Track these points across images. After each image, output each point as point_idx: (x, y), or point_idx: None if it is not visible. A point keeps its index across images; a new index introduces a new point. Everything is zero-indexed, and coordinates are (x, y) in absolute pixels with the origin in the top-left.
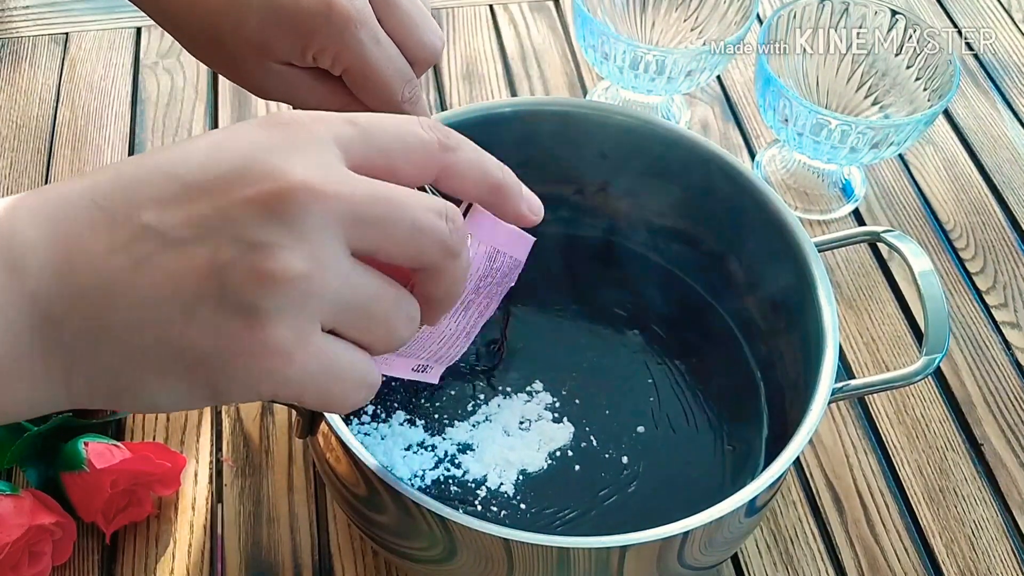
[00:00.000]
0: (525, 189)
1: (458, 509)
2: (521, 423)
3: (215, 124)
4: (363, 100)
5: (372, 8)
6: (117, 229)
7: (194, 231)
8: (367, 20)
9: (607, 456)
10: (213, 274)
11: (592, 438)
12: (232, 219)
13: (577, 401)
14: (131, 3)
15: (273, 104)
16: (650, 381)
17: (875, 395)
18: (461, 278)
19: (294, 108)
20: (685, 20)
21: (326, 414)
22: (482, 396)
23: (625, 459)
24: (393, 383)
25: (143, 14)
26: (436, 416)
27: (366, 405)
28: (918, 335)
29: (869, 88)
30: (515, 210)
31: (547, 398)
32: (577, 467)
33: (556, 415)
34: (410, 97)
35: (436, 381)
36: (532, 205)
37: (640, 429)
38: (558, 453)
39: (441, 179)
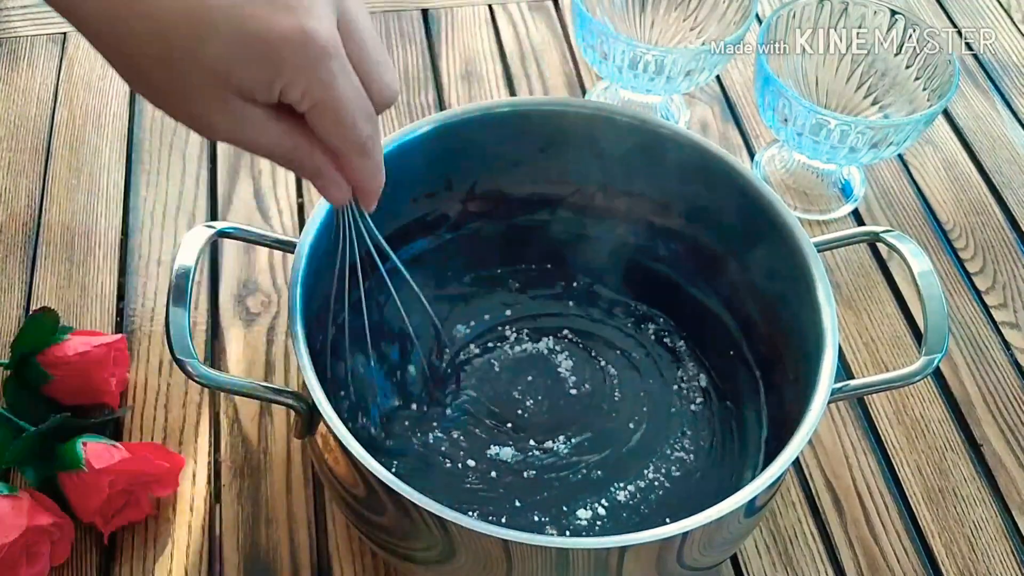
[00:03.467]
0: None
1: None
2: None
3: None
4: (324, 136)
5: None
6: None
7: None
8: (340, 53)
9: (603, 455)
10: None
11: (588, 437)
12: None
13: (575, 401)
14: (52, 9)
15: None
16: (650, 381)
17: (874, 395)
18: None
19: (242, 149)
20: (684, 20)
21: (326, 416)
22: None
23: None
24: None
25: None
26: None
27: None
28: (917, 335)
29: (868, 88)
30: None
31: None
32: (576, 466)
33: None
34: (372, 135)
35: None
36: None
37: (637, 428)
38: (557, 452)
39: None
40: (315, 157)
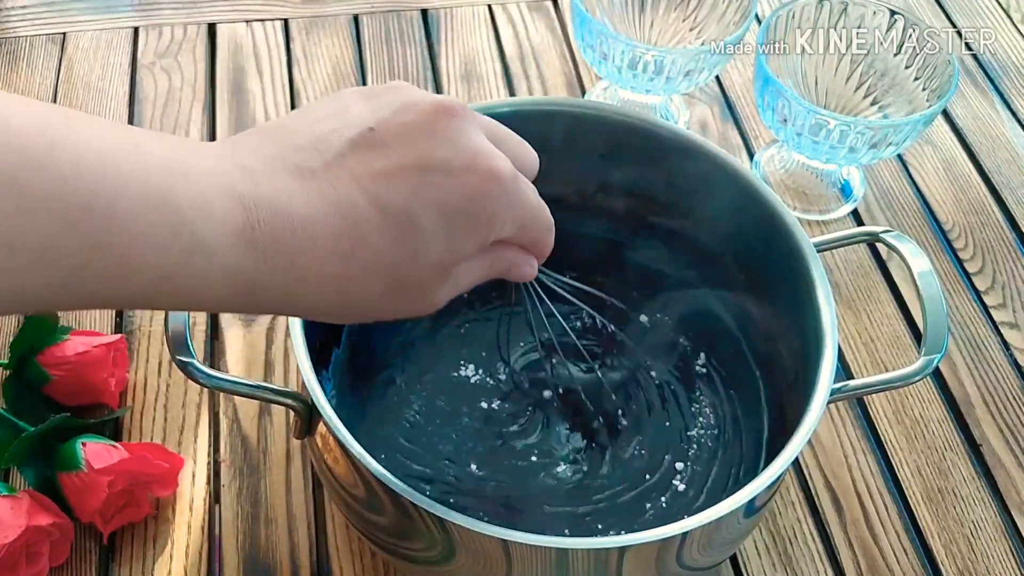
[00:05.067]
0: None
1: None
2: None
3: (212, 124)
4: (526, 242)
5: None
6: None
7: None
8: (515, 170)
9: (603, 455)
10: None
11: (589, 437)
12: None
13: (574, 400)
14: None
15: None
16: (648, 381)
17: (874, 395)
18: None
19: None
20: (684, 20)
21: (325, 416)
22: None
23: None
24: None
25: (141, 13)
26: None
27: None
28: (917, 335)
29: (868, 88)
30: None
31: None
32: (575, 466)
33: (552, 414)
34: (548, 215)
35: None
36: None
37: (637, 428)
38: (555, 451)
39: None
40: (507, 255)
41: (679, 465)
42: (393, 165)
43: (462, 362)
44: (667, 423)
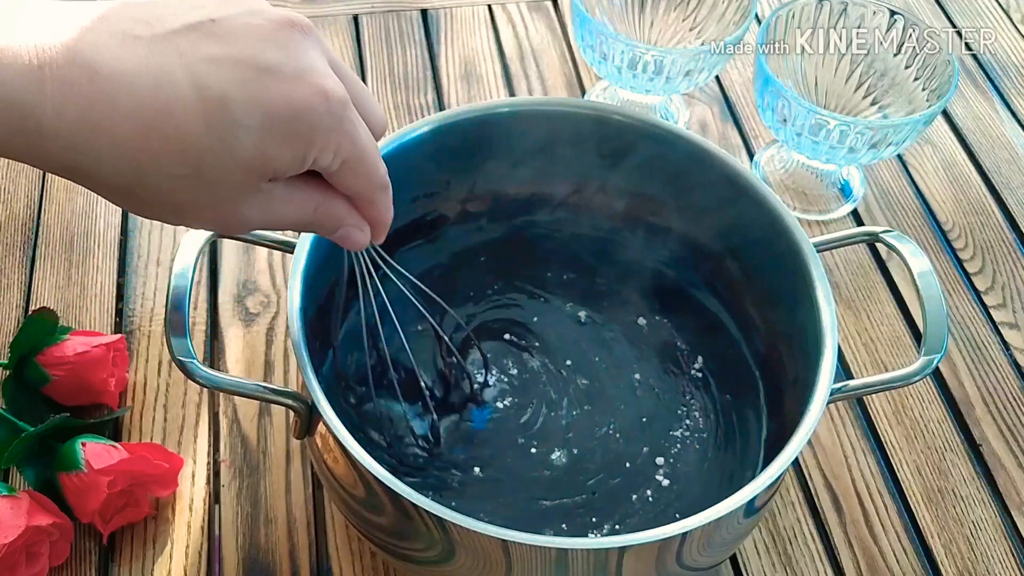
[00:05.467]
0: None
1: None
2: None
3: None
4: (351, 186)
5: None
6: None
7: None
8: (350, 102)
9: (602, 455)
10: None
11: (587, 437)
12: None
13: (575, 400)
14: (52, 172)
15: None
16: (649, 382)
17: (874, 395)
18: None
19: (266, 230)
20: (683, 20)
21: (325, 416)
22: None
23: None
24: None
25: None
26: None
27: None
28: (916, 335)
29: (868, 88)
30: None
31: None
32: (574, 465)
33: (553, 412)
34: (386, 171)
35: None
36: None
37: (637, 429)
38: (554, 451)
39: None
40: (337, 208)
41: (659, 460)
42: (223, 54)
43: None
44: (663, 423)
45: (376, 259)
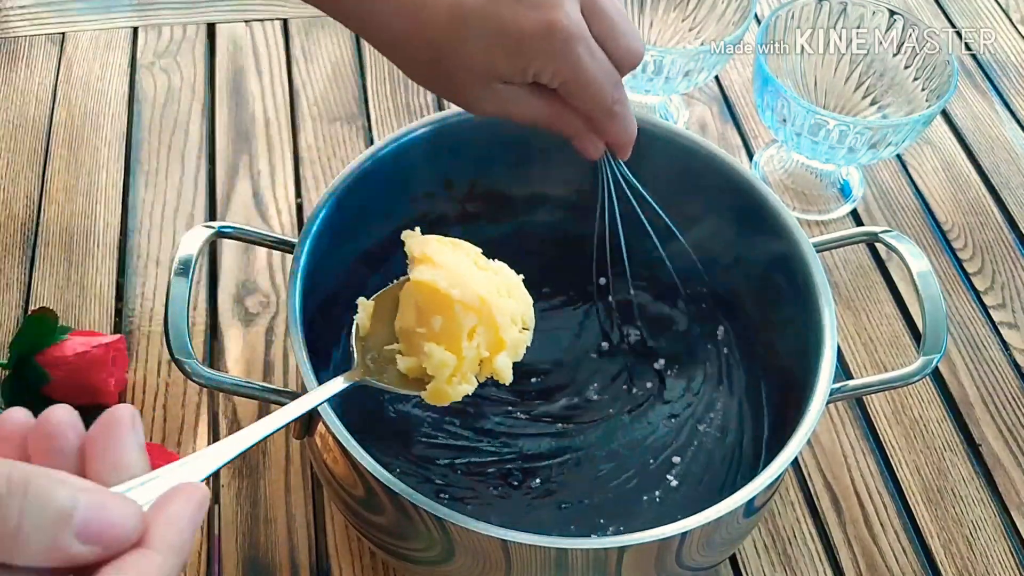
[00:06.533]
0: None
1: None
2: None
3: (212, 124)
4: (576, 106)
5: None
6: None
7: None
8: (583, 34)
9: (602, 456)
10: None
11: (587, 438)
12: None
13: (575, 400)
14: (343, 24)
15: (269, 114)
16: (649, 383)
17: (873, 395)
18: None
19: (509, 120)
20: (683, 20)
21: (325, 416)
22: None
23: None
24: None
25: (140, 13)
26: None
27: None
28: (916, 335)
29: (867, 88)
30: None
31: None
32: (574, 466)
33: (553, 412)
34: (619, 98)
35: None
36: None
37: (637, 429)
38: (554, 452)
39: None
40: (573, 121)
41: (675, 459)
42: None
43: None
44: (663, 423)
45: (618, 175)
